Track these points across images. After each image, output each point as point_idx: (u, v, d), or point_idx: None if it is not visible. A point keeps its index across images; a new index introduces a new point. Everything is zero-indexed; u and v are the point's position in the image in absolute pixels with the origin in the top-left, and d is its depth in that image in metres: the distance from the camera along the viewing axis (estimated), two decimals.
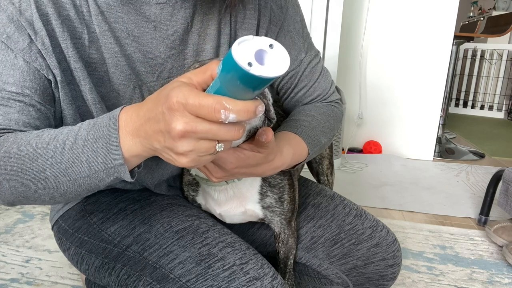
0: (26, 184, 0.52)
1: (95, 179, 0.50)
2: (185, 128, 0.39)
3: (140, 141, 0.46)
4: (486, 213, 1.55)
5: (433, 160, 2.49)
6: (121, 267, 0.68)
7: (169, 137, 0.41)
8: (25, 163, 0.51)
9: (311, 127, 0.72)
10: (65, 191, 0.52)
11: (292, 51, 0.78)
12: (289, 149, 0.65)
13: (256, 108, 0.39)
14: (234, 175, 0.58)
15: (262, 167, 0.59)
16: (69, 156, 0.49)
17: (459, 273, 1.22)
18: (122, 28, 0.63)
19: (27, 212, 1.53)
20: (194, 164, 0.43)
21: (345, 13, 2.22)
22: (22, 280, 1.10)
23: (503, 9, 5.05)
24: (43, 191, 0.52)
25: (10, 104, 0.56)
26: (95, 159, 0.48)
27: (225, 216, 0.74)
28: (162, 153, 0.45)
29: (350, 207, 0.87)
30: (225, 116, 0.38)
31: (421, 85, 2.44)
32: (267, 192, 0.72)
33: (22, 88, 0.56)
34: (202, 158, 0.43)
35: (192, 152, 0.41)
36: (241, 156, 0.55)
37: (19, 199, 0.55)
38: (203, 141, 0.41)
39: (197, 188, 0.75)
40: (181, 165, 0.43)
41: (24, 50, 0.56)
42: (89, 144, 0.48)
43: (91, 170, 0.49)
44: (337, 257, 0.81)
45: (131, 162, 0.49)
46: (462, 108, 4.39)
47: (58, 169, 0.50)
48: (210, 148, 0.42)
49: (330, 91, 0.83)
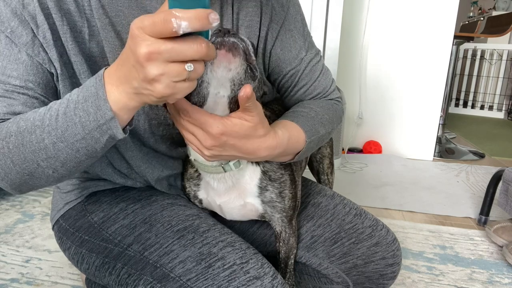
0: (29, 158, 0.53)
1: (90, 140, 0.52)
2: (149, 50, 0.41)
3: (123, 89, 0.48)
4: (486, 213, 1.55)
5: (433, 160, 2.49)
6: (122, 267, 0.68)
7: (139, 66, 0.43)
8: (24, 137, 0.53)
9: (309, 117, 0.72)
10: (65, 159, 0.54)
11: (293, 49, 0.78)
12: (284, 132, 0.64)
13: (208, 15, 0.40)
14: (224, 146, 0.57)
15: (253, 142, 0.59)
16: (63, 120, 0.51)
17: (459, 273, 1.22)
18: (123, 22, 0.63)
19: (27, 212, 1.53)
20: (171, 91, 0.44)
21: (345, 12, 2.22)
22: (22, 280, 1.10)
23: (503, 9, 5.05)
24: (45, 163, 0.53)
25: (14, 96, 0.57)
26: (87, 118, 0.50)
27: (225, 210, 0.74)
28: (142, 91, 0.46)
29: (350, 207, 0.87)
30: (177, 24, 0.39)
31: (421, 85, 2.44)
32: (267, 186, 0.71)
33: (26, 82, 0.58)
34: (178, 84, 0.44)
35: (163, 76, 0.43)
36: (228, 122, 0.55)
37: (24, 179, 0.56)
38: (172, 64, 0.42)
39: (199, 182, 0.75)
40: (158, 94, 0.44)
41: (27, 45, 0.57)
42: (80, 105, 0.50)
43: (84, 130, 0.51)
44: (337, 256, 0.81)
45: (120, 117, 0.50)
46: (462, 108, 4.39)
47: (55, 135, 0.51)
48: (181, 70, 0.43)
49: (330, 89, 0.83)
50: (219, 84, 0.54)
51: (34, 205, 1.59)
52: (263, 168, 0.71)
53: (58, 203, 0.80)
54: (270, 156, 0.63)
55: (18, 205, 1.59)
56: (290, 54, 0.78)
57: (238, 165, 0.66)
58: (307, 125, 0.70)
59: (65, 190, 0.80)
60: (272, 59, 0.79)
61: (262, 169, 0.70)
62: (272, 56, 0.78)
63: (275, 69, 0.80)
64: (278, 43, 0.77)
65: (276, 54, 0.78)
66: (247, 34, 0.75)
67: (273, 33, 0.76)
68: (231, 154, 0.60)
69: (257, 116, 0.57)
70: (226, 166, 0.65)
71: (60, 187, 0.81)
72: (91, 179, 0.78)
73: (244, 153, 0.60)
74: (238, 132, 0.56)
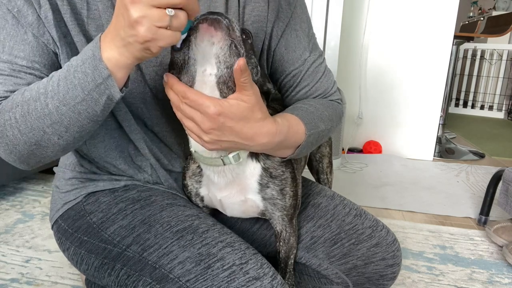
0: (35, 126, 0.55)
1: (90, 102, 0.54)
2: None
3: (114, 44, 0.51)
4: (486, 213, 1.55)
5: (433, 160, 2.49)
6: (121, 267, 0.68)
7: (124, 10, 0.46)
8: (30, 105, 0.55)
9: (309, 112, 0.72)
10: (69, 123, 0.55)
11: (297, 50, 0.78)
12: (284, 121, 0.65)
13: None
14: (222, 129, 0.57)
15: (252, 126, 0.59)
16: (63, 84, 0.53)
17: (459, 273, 1.22)
18: None
19: (27, 212, 1.53)
20: (152, 35, 0.47)
21: (345, 12, 2.21)
22: (22, 280, 1.10)
23: (503, 9, 5.05)
24: (50, 129, 0.55)
25: (21, 76, 0.59)
26: (85, 79, 0.52)
27: (226, 205, 0.73)
28: (128, 39, 0.49)
29: (350, 207, 0.87)
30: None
31: (421, 85, 2.44)
32: (268, 183, 0.71)
33: (32, 62, 0.60)
34: (160, 31, 0.47)
35: (145, 19, 0.46)
36: (225, 103, 0.56)
37: (32, 150, 0.58)
38: (154, 8, 0.46)
39: (201, 179, 0.75)
40: (141, 38, 0.47)
41: (33, 25, 0.59)
42: (79, 68, 0.53)
43: (84, 91, 0.53)
44: (337, 257, 0.81)
45: (115, 74, 0.53)
46: (462, 108, 4.39)
47: (57, 99, 0.53)
48: (162, 15, 0.46)
49: (331, 90, 0.83)
50: (204, 60, 0.55)
51: (34, 205, 1.59)
52: (264, 165, 0.70)
53: (57, 203, 0.80)
54: (271, 144, 0.63)
55: (18, 205, 1.59)
56: (294, 54, 0.78)
57: (238, 159, 0.66)
58: (307, 118, 0.70)
59: (64, 190, 0.80)
60: (275, 58, 0.78)
61: (263, 165, 0.70)
62: (276, 55, 0.78)
63: (278, 68, 0.79)
64: (282, 42, 0.77)
65: (280, 53, 0.78)
66: (254, 29, 0.75)
67: (278, 31, 0.76)
68: (230, 140, 0.60)
69: (253, 96, 0.58)
70: (225, 158, 0.65)
71: (59, 187, 0.81)
72: (90, 179, 0.78)
73: (243, 138, 0.60)
74: (235, 113, 0.57)
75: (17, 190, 1.73)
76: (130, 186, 0.78)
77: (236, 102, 0.57)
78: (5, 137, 0.57)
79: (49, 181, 1.86)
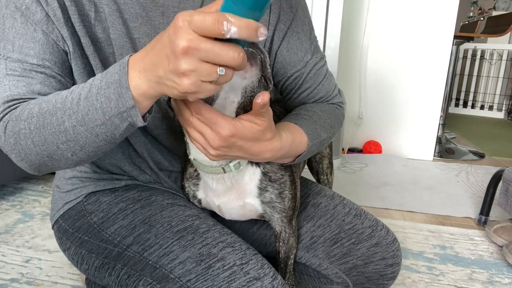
0: (49, 140, 0.54)
1: (110, 126, 0.52)
2: (188, 44, 0.41)
3: (145, 76, 0.47)
4: (486, 213, 1.55)
5: (433, 160, 2.49)
6: (121, 267, 0.68)
7: (173, 57, 0.43)
8: (46, 119, 0.53)
9: (312, 121, 0.72)
10: (84, 143, 0.54)
11: (299, 52, 0.78)
12: (288, 135, 0.65)
13: (258, 28, 0.40)
14: (231, 147, 0.57)
15: (260, 145, 0.59)
16: (84, 105, 0.51)
17: (459, 273, 1.22)
18: (130, 10, 0.64)
19: (27, 212, 1.53)
20: (196, 89, 0.44)
21: (345, 13, 2.22)
22: (22, 280, 1.10)
23: (503, 9, 5.05)
24: (64, 145, 0.54)
25: (32, 75, 0.58)
26: (108, 105, 0.50)
27: (224, 210, 0.73)
28: (166, 81, 0.45)
29: (350, 207, 0.87)
30: (227, 28, 0.40)
31: (421, 85, 2.44)
32: (267, 187, 0.71)
33: (43, 60, 0.59)
34: (204, 85, 0.44)
35: (194, 73, 0.43)
36: (238, 124, 0.55)
37: (44, 161, 0.57)
38: (205, 64, 0.42)
39: (198, 182, 0.75)
40: (183, 89, 0.44)
41: (41, 22, 0.59)
42: (102, 91, 0.50)
43: (105, 116, 0.51)
44: (337, 257, 0.81)
45: (140, 103, 0.50)
46: (462, 108, 4.39)
47: (75, 119, 0.52)
48: (212, 71, 0.43)
49: (333, 93, 0.83)
50: (231, 90, 0.54)
51: (34, 205, 1.59)
52: (264, 170, 0.70)
53: (58, 202, 0.80)
54: (273, 158, 0.63)
55: (18, 205, 1.59)
56: (295, 56, 0.78)
57: (238, 167, 0.66)
58: (310, 128, 0.70)
59: (65, 189, 0.80)
60: (277, 60, 0.78)
61: (262, 170, 0.70)
62: (278, 57, 0.78)
63: (279, 70, 0.79)
64: (284, 44, 0.77)
65: (282, 55, 0.78)
66: None
67: (280, 34, 0.76)
68: (236, 155, 0.59)
69: (267, 120, 0.57)
70: (226, 167, 0.65)
71: (60, 187, 0.81)
72: (91, 179, 0.78)
73: (249, 154, 0.60)
74: (247, 135, 0.56)
75: (17, 190, 1.73)
76: (131, 185, 0.78)
77: (249, 125, 0.56)
78: (18, 145, 0.56)
79: (49, 181, 1.86)
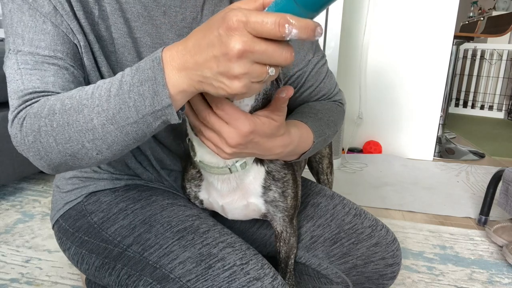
0: (74, 138, 0.51)
1: (142, 124, 0.50)
2: (244, 48, 0.39)
3: (186, 74, 0.45)
4: (486, 213, 1.55)
5: (433, 160, 2.49)
6: (122, 267, 0.68)
7: (225, 60, 0.40)
8: (71, 116, 0.50)
9: (317, 118, 0.73)
10: (112, 142, 0.52)
11: (301, 51, 0.78)
12: (296, 131, 0.65)
13: (316, 28, 0.39)
14: (248, 144, 0.56)
15: (273, 141, 0.59)
16: (115, 102, 0.49)
17: (459, 273, 1.22)
18: (132, 9, 0.64)
19: (27, 212, 1.53)
20: (245, 90, 0.43)
21: (345, 12, 2.22)
22: (22, 280, 1.10)
23: (503, 9, 5.05)
24: (91, 144, 0.51)
25: (45, 67, 0.57)
26: (143, 103, 0.48)
27: (227, 210, 0.74)
28: (212, 82, 0.43)
29: (350, 207, 0.87)
30: (288, 30, 0.38)
31: (421, 85, 2.44)
32: (271, 186, 0.71)
33: (55, 51, 0.57)
34: (253, 85, 0.43)
35: (246, 76, 0.41)
36: (258, 121, 0.55)
37: (65, 160, 0.54)
38: (257, 65, 0.41)
39: (200, 183, 0.75)
40: (233, 91, 0.43)
41: (50, 14, 0.58)
42: (135, 88, 0.48)
43: (138, 114, 0.49)
44: (337, 257, 0.81)
45: (177, 101, 0.48)
46: (462, 108, 4.39)
47: (105, 116, 0.49)
48: (263, 72, 0.42)
49: (334, 91, 0.84)
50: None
51: (34, 205, 1.59)
52: (268, 168, 0.71)
53: (58, 202, 0.80)
54: (282, 154, 0.63)
55: (18, 205, 1.59)
56: (298, 55, 0.78)
57: (244, 166, 0.66)
58: (315, 125, 0.71)
59: (65, 189, 0.80)
60: None
61: (266, 169, 0.71)
62: None
63: (282, 69, 0.79)
64: None
65: None
66: None
67: None
68: (251, 152, 0.59)
69: (283, 116, 0.58)
70: (233, 167, 0.65)
71: (60, 187, 0.81)
72: (91, 179, 0.78)
73: (262, 151, 0.59)
74: (266, 131, 0.56)
75: (17, 190, 1.74)
76: (131, 185, 0.78)
77: (267, 121, 0.56)
78: (39, 143, 0.53)
79: (49, 181, 1.86)
